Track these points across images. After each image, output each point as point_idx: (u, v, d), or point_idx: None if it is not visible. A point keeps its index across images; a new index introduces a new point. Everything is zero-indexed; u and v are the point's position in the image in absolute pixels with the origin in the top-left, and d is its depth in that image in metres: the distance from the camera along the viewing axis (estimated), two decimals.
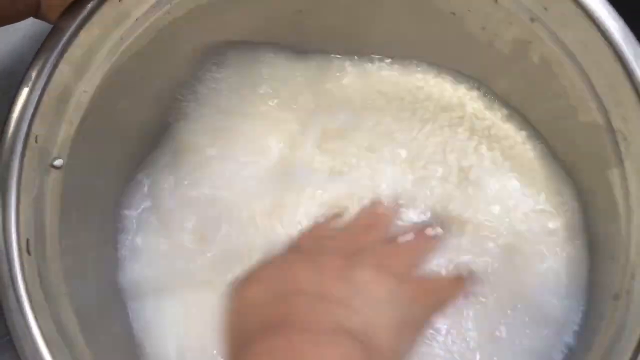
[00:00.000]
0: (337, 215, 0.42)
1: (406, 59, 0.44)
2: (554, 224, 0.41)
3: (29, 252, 0.32)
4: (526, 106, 0.42)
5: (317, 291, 0.35)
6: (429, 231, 0.41)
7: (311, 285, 0.36)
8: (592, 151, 0.36)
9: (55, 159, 0.34)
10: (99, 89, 0.35)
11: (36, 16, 0.33)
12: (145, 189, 0.42)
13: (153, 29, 0.36)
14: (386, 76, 0.45)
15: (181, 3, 0.37)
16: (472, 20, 0.38)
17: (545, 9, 0.34)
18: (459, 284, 0.40)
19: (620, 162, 0.33)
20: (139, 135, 0.42)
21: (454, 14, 0.38)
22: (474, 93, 0.44)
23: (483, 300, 0.40)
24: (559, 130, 0.41)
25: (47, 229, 0.34)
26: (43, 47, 0.33)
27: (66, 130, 0.35)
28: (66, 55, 0.33)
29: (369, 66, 0.45)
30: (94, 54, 0.35)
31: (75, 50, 0.34)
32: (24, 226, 0.32)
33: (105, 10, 0.34)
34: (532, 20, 0.35)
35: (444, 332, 0.40)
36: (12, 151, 0.32)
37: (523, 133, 0.43)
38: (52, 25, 0.34)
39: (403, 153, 0.43)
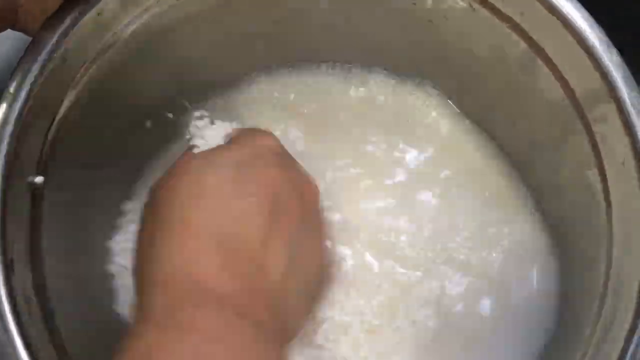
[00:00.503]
0: None
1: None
2: None
3: (13, 271, 0.31)
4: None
5: None
6: None
7: None
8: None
9: (35, 176, 0.33)
10: (80, 103, 0.35)
11: (13, 27, 0.33)
12: (135, 212, 0.40)
13: (133, 42, 0.36)
14: None
15: (157, 16, 0.37)
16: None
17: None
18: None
19: (600, 161, 0.34)
20: (126, 154, 0.41)
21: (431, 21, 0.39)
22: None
23: None
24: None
25: (31, 248, 0.33)
26: (22, 60, 0.32)
27: (48, 146, 0.34)
28: (46, 68, 0.33)
29: None
30: (74, 67, 0.34)
31: (55, 63, 0.33)
32: (8, 244, 0.31)
33: (85, 23, 0.33)
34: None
35: None
36: None
37: None
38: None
39: None
